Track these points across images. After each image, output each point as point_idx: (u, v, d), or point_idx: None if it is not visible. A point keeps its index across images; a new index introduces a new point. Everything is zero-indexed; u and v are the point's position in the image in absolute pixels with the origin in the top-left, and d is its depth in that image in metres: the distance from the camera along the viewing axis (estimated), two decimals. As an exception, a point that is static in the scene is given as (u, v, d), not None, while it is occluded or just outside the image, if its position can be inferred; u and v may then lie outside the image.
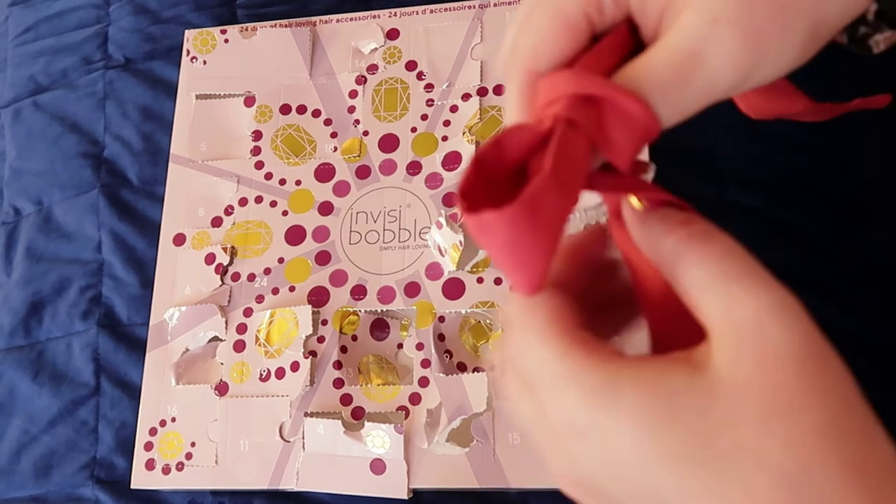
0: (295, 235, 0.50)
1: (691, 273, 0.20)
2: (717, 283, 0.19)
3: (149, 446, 0.47)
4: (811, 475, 0.17)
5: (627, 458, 0.18)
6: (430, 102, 0.51)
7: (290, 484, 0.45)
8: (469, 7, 0.53)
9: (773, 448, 0.17)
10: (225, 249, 0.51)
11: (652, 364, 0.19)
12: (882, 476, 0.17)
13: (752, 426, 0.17)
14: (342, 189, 0.51)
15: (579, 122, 0.20)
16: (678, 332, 0.20)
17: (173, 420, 0.48)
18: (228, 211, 0.52)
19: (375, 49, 0.54)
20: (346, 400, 0.46)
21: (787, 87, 0.27)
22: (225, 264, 0.50)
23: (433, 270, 0.47)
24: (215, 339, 0.49)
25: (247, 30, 0.56)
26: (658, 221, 0.21)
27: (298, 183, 0.51)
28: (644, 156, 0.23)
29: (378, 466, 0.44)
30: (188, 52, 0.56)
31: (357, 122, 0.52)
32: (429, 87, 0.52)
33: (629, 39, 0.23)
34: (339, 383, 0.46)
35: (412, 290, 0.47)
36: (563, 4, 0.22)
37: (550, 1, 0.23)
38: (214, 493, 0.47)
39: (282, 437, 0.46)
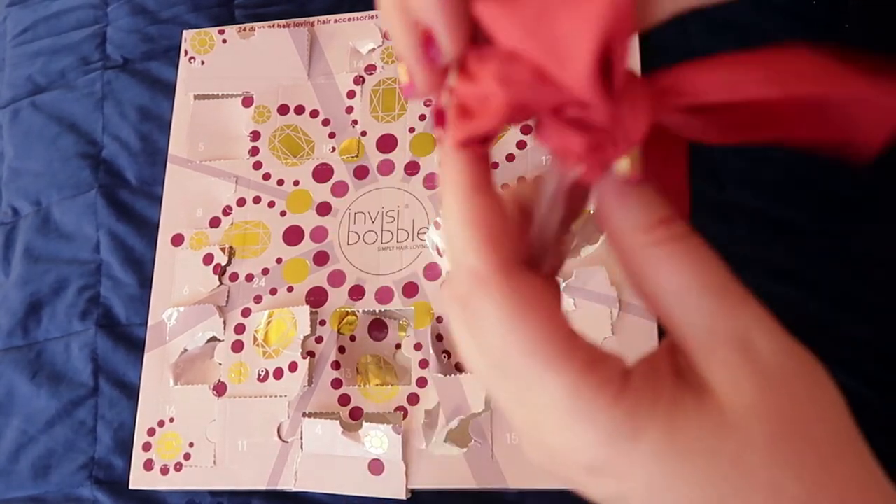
0: (293, 236, 0.50)
1: (667, 280, 0.19)
2: (697, 297, 0.18)
3: (147, 447, 0.47)
4: (816, 500, 0.17)
5: (643, 502, 0.18)
6: (427, 103, 0.51)
7: (288, 484, 0.45)
8: (467, 6, 0.53)
9: (782, 478, 0.17)
10: (223, 250, 0.51)
11: (662, 399, 0.18)
12: (875, 496, 0.18)
13: (761, 458, 0.17)
14: (340, 189, 0.51)
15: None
16: None
17: (172, 420, 0.48)
18: (226, 211, 0.52)
19: (373, 49, 0.54)
20: (344, 400, 0.46)
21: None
22: (223, 265, 0.50)
23: (431, 271, 0.47)
24: (213, 339, 0.49)
25: (245, 30, 0.56)
26: (638, 210, 0.19)
27: (296, 183, 0.51)
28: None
29: (376, 467, 0.44)
30: (186, 52, 0.56)
31: (355, 122, 0.52)
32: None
33: None
34: (337, 384, 0.46)
35: (410, 290, 0.47)
36: None
37: None
38: (213, 493, 0.47)
39: (280, 437, 0.46)
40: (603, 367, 0.18)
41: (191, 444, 0.47)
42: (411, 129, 0.51)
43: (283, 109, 0.54)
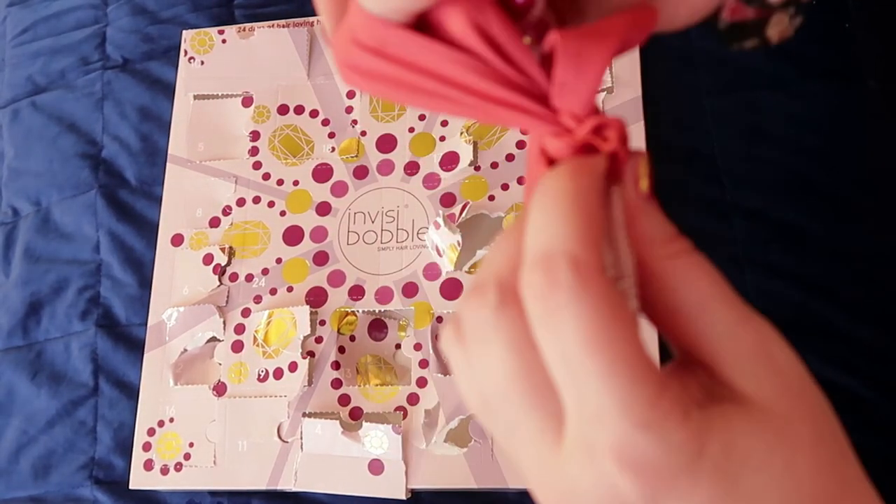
0: (293, 236, 0.50)
1: (688, 291, 0.19)
2: (719, 307, 0.19)
3: (147, 447, 0.47)
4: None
5: None
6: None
7: (288, 484, 0.45)
8: (467, 6, 0.53)
9: (825, 483, 0.18)
10: (223, 250, 0.51)
11: (717, 413, 0.18)
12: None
13: (807, 463, 0.18)
14: (340, 189, 0.51)
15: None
16: None
17: (171, 420, 0.48)
18: (226, 211, 0.52)
19: (373, 49, 0.54)
20: (344, 400, 0.46)
21: None
22: (223, 265, 0.50)
23: (431, 271, 0.47)
24: (213, 339, 0.49)
25: (244, 30, 0.56)
26: (657, 223, 0.19)
27: (296, 183, 0.51)
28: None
29: (376, 467, 0.44)
30: (186, 52, 0.56)
31: (355, 122, 0.52)
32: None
33: None
34: (337, 384, 0.46)
35: (410, 290, 0.47)
36: None
37: None
38: (213, 493, 0.47)
39: (280, 437, 0.46)
40: (670, 388, 0.18)
41: (191, 445, 0.47)
42: (411, 129, 0.51)
43: (283, 109, 0.53)
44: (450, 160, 0.49)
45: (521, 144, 0.49)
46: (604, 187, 0.19)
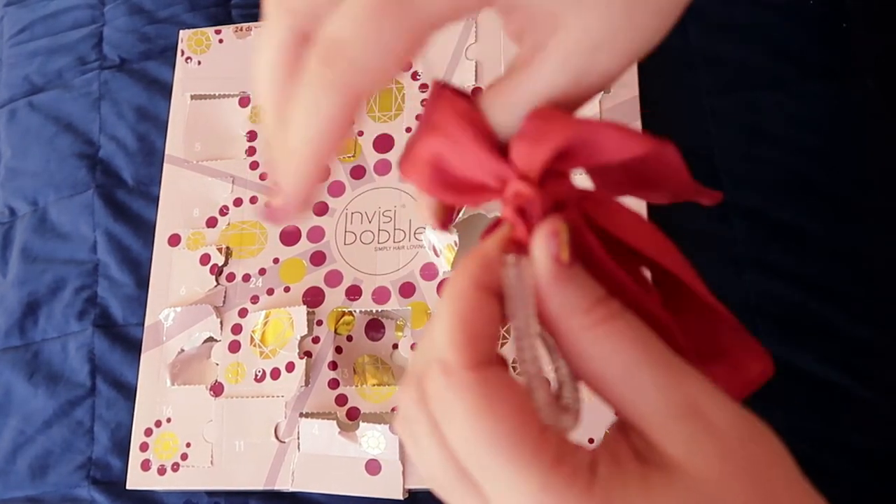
0: (290, 236, 0.50)
1: (611, 359, 0.19)
2: (644, 372, 0.18)
3: (144, 447, 0.47)
4: None
5: None
6: (424, 102, 0.51)
7: (285, 484, 0.45)
8: (465, 6, 0.53)
9: None
10: (220, 250, 0.50)
11: (631, 484, 0.18)
12: None
13: None
14: (337, 189, 0.51)
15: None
16: None
17: (169, 421, 0.48)
18: (223, 211, 0.52)
19: (371, 48, 0.54)
20: (341, 400, 0.46)
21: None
22: (220, 265, 0.50)
23: (428, 271, 0.47)
24: (210, 339, 0.49)
25: (241, 30, 0.55)
26: (576, 292, 0.19)
27: (294, 183, 0.51)
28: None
29: (373, 467, 0.44)
30: (183, 52, 0.56)
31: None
32: (423, 87, 0.52)
33: None
34: (334, 384, 0.46)
35: (407, 290, 0.47)
36: None
37: None
38: (210, 493, 0.47)
39: (277, 437, 0.46)
40: (572, 458, 0.18)
41: (188, 445, 0.47)
42: (408, 129, 0.51)
43: (281, 109, 0.53)
44: (448, 160, 0.49)
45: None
46: (496, 271, 0.19)
